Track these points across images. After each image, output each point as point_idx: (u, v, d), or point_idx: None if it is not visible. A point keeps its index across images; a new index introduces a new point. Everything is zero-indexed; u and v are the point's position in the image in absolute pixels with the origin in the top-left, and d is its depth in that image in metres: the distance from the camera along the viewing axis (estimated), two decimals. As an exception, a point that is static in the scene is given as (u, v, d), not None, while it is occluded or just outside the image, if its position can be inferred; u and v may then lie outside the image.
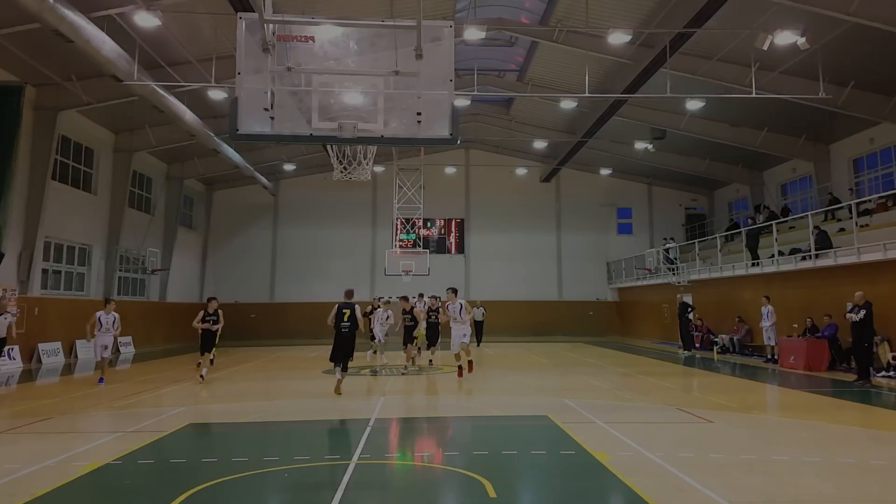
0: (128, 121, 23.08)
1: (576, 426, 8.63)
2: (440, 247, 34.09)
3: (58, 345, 19.97)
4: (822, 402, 11.42)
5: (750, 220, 23.58)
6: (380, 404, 10.89)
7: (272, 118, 6.79)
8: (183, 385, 13.66)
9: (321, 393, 12.45)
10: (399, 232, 30.05)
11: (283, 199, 33.88)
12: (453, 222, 34.63)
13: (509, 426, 9.30)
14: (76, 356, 20.81)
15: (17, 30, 14.88)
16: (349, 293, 11.65)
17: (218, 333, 14.15)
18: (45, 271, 20.29)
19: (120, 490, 6.02)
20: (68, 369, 17.70)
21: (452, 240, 34.58)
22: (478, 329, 25.32)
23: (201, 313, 14.05)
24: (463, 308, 13.83)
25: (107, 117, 22.36)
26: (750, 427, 8.97)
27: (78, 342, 20.87)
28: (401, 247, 29.43)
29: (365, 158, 17.70)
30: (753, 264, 20.38)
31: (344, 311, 11.25)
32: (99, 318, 13.67)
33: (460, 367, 14.01)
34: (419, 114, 6.70)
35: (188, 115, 20.08)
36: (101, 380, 13.57)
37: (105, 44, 14.52)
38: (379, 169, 29.74)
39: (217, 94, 18.80)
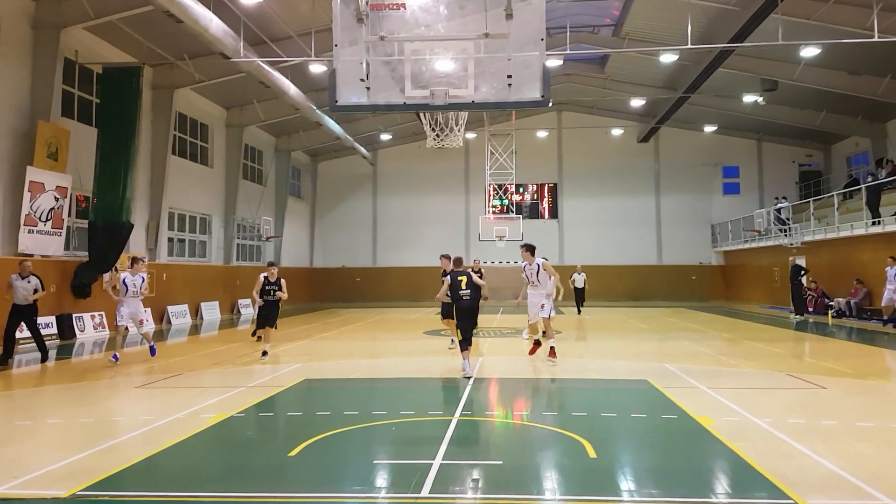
0: (237, 96, 24.38)
1: (677, 391, 8.49)
2: (533, 212, 33.88)
3: (184, 307, 21.82)
4: (955, 370, 10.56)
5: (870, 176, 21.73)
6: (478, 364, 11.16)
7: (368, 88, 6.97)
8: (297, 344, 14.59)
9: (423, 352, 12.99)
10: (492, 198, 30.07)
11: (380, 169, 34.78)
12: (546, 187, 34.19)
13: (608, 389, 9.30)
14: (202, 317, 22.75)
15: (133, 13, 15.86)
16: (458, 261, 10.39)
17: (279, 306, 12.28)
18: (170, 240, 22.09)
19: (243, 440, 6.56)
20: (195, 330, 19.35)
21: (546, 205, 34.21)
22: (578, 295, 24.83)
23: (261, 280, 11.98)
24: (541, 269, 11.12)
25: (218, 94, 23.74)
26: (867, 394, 8.49)
27: (202, 304, 22.92)
28: (493, 213, 29.47)
29: (457, 125, 17.74)
30: (874, 223, 18.85)
31: (460, 278, 10.02)
32: (124, 281, 11.40)
33: (536, 342, 11.75)
34: (509, 77, 6.65)
35: (292, 89, 20.91)
36: (114, 356, 11.19)
37: (212, 22, 15.29)
38: (471, 136, 29.79)
39: (317, 68, 19.44)
